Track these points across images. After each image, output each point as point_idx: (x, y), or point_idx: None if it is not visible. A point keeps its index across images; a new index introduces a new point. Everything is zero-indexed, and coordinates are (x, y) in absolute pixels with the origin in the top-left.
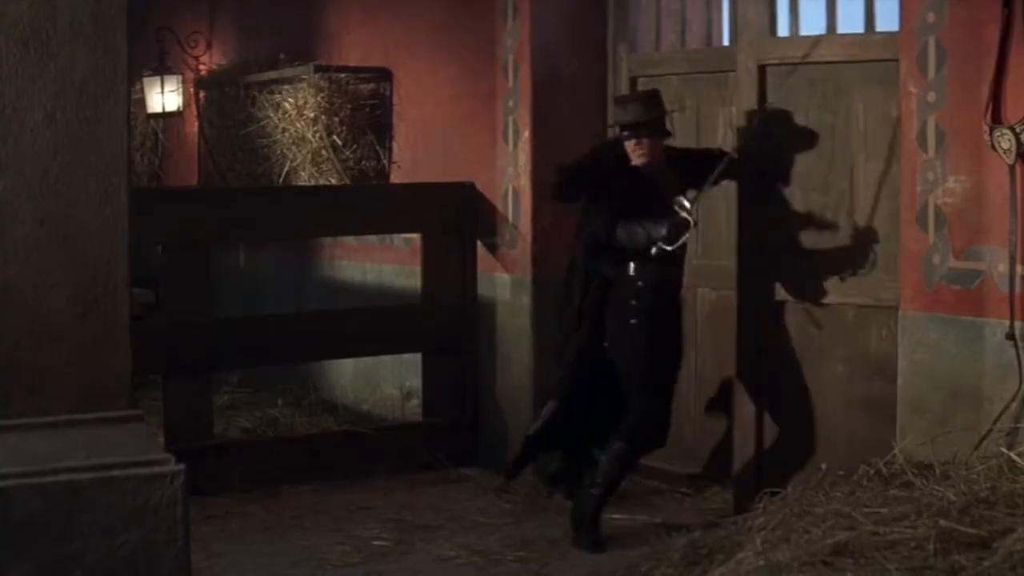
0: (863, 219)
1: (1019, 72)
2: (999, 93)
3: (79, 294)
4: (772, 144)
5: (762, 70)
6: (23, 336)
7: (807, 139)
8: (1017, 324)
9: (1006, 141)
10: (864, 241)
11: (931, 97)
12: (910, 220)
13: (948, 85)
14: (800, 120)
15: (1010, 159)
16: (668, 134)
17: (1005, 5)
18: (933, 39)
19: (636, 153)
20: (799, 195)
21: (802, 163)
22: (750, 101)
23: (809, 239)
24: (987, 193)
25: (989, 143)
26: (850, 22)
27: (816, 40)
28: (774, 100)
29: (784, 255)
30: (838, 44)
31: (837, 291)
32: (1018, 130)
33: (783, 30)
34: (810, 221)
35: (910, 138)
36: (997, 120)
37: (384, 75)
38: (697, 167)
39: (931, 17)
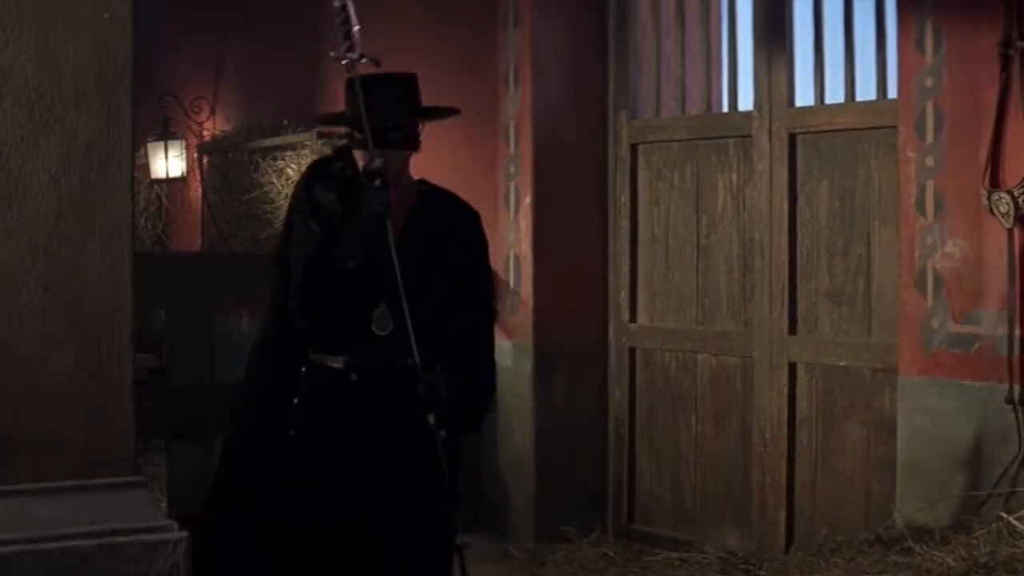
0: (878, 283)
1: (1017, 136)
2: (997, 157)
3: (83, 358)
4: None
5: (792, 138)
6: (26, 400)
7: (831, 205)
8: (1016, 388)
9: (1004, 205)
10: (879, 305)
11: (929, 161)
12: (909, 284)
13: (946, 149)
14: (825, 186)
15: (1008, 223)
16: (416, 143)
17: (1003, 69)
18: (931, 104)
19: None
20: (824, 259)
21: (827, 228)
22: (780, 168)
23: (826, 302)
24: (985, 257)
25: (987, 207)
26: (868, 90)
27: (837, 108)
28: (802, 166)
29: (801, 317)
30: (856, 111)
31: (852, 354)
32: (1016, 194)
33: (805, 98)
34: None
35: (909, 203)
36: (995, 184)
37: None
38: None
39: (929, 82)
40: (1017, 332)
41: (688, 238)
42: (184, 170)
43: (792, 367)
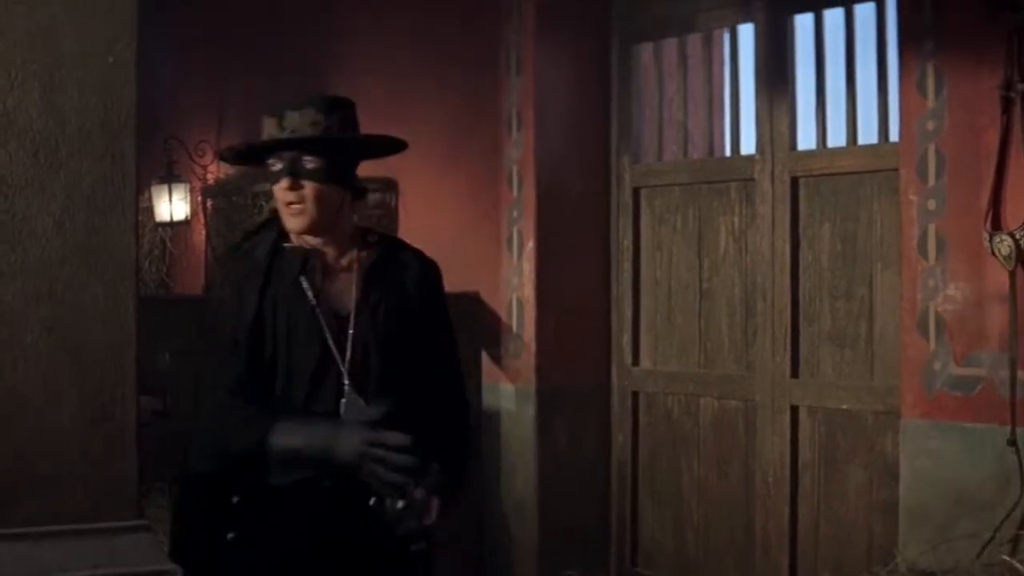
0: (880, 326)
1: (1018, 178)
2: (998, 199)
3: (87, 401)
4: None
5: (794, 181)
6: (31, 443)
7: (833, 248)
8: (1019, 430)
9: (1006, 247)
10: (881, 347)
11: (931, 204)
12: (911, 327)
13: (948, 192)
14: (827, 229)
15: (1010, 265)
16: (363, 191)
17: (1004, 111)
18: (933, 147)
19: (290, 211)
20: (827, 302)
21: (829, 271)
22: (782, 212)
23: (829, 345)
24: (987, 299)
25: (989, 249)
26: (869, 133)
27: (839, 151)
28: (804, 210)
29: (803, 360)
30: (857, 155)
31: (854, 397)
32: (1018, 236)
33: (807, 142)
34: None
35: (910, 245)
36: (997, 226)
37: (389, 185)
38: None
39: (931, 125)
40: (1019, 374)
41: (690, 281)
42: (188, 213)
43: (794, 410)
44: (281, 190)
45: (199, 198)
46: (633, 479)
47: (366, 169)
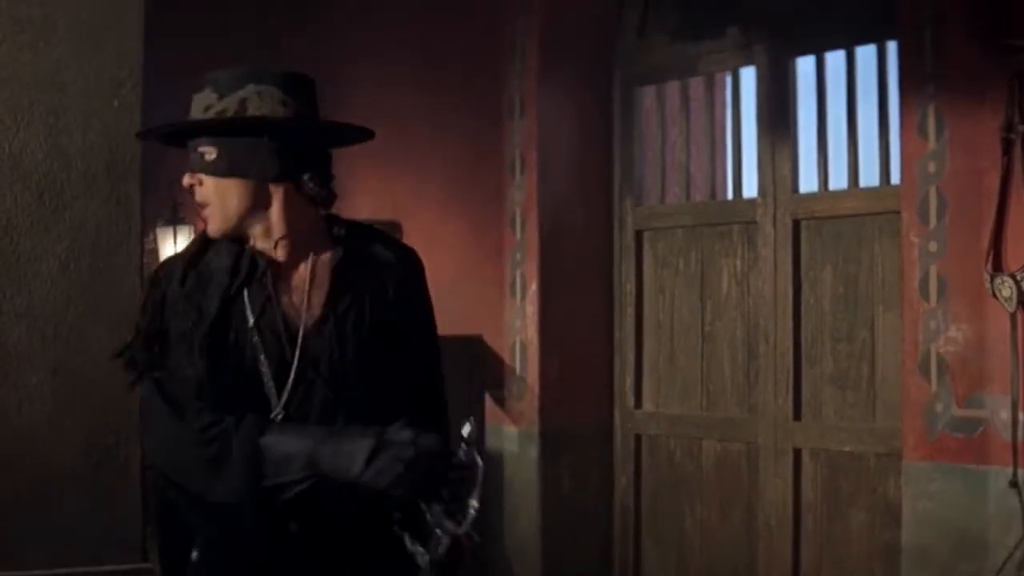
0: (882, 368)
1: (1019, 219)
2: (999, 241)
3: (92, 443)
4: None
5: (796, 224)
6: (36, 484)
7: (835, 290)
8: (1020, 472)
9: (1007, 289)
10: (883, 389)
11: (932, 246)
12: (912, 369)
13: (949, 234)
14: (828, 272)
15: (1011, 307)
16: (312, 180)
17: (1004, 153)
18: (934, 188)
19: (201, 213)
20: (828, 344)
21: (830, 314)
22: (784, 254)
23: (831, 387)
24: (988, 341)
25: (990, 291)
26: (871, 175)
27: (840, 194)
28: (806, 252)
29: (805, 403)
30: (859, 197)
31: (856, 439)
32: (1019, 278)
33: (809, 184)
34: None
35: (912, 287)
36: (998, 268)
37: (393, 228)
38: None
39: (932, 167)
40: (1021, 416)
41: (693, 324)
42: None
43: (797, 453)
44: (189, 179)
45: None
46: (636, 521)
47: (367, 210)
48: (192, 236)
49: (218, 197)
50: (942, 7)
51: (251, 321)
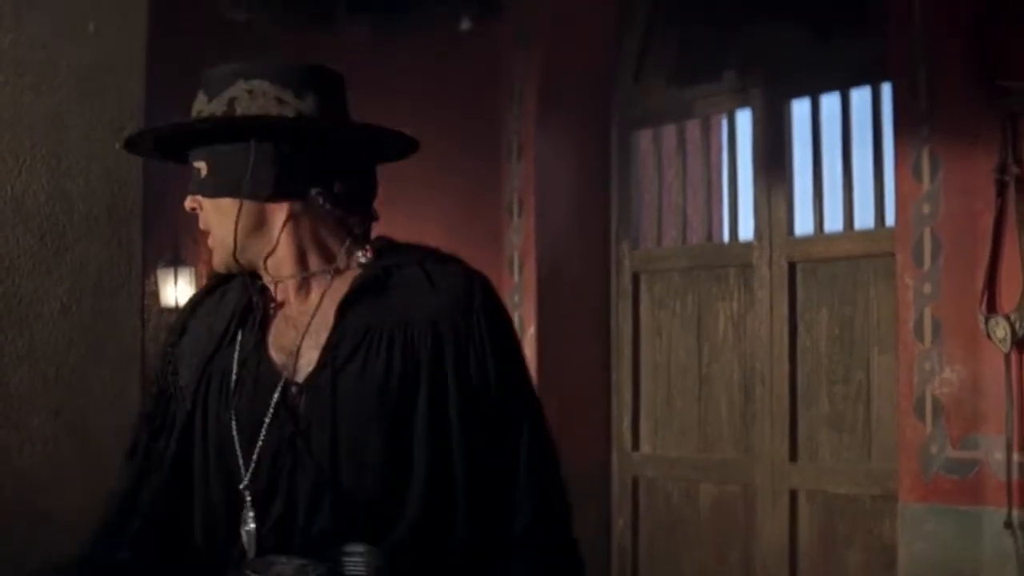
0: (878, 409)
1: (1013, 261)
2: (993, 282)
3: (93, 487)
4: None
5: (792, 267)
6: (36, 528)
7: (830, 332)
8: (1015, 512)
9: (1001, 330)
10: (879, 431)
11: (927, 288)
12: (908, 410)
13: (943, 275)
14: (824, 314)
15: (1005, 348)
16: (342, 197)
17: (998, 195)
18: (929, 230)
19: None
20: (825, 386)
21: (826, 356)
22: (780, 297)
23: (827, 429)
24: (983, 382)
25: (985, 332)
26: (866, 217)
27: (836, 237)
28: (802, 295)
29: (801, 444)
30: (854, 240)
31: (852, 481)
32: (1012, 318)
33: (804, 227)
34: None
35: (907, 329)
36: (992, 309)
37: None
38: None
39: (926, 208)
40: (1015, 457)
41: (690, 366)
42: None
43: (793, 494)
44: (190, 204)
45: (206, 282)
46: (633, 563)
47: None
48: (191, 279)
49: (215, 222)
50: (935, 49)
51: (233, 374)
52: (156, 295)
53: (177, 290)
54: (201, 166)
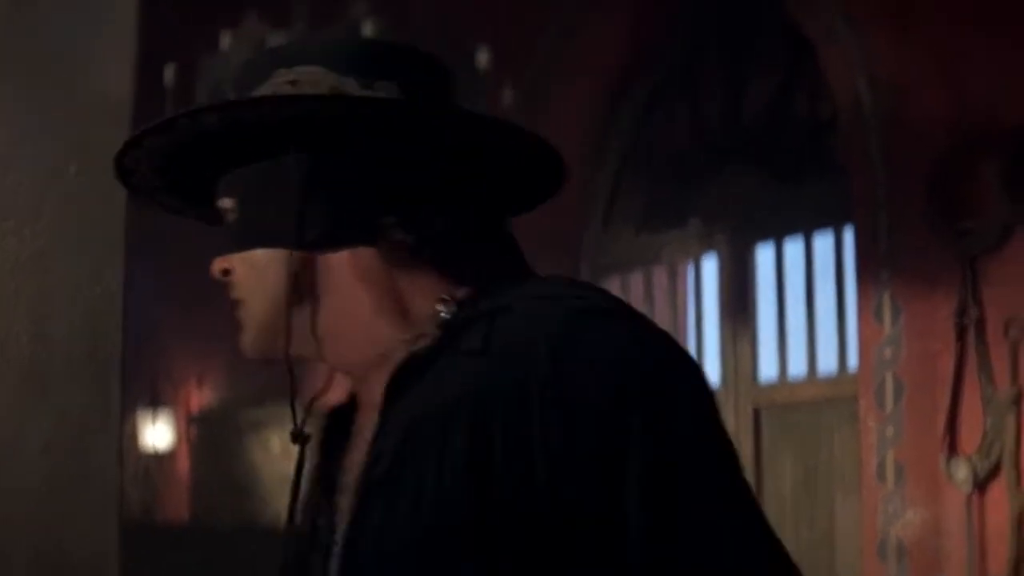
0: (842, 553)
1: (973, 402)
2: (954, 424)
3: None
4: None
5: (756, 413)
6: None
7: (795, 477)
8: None
9: (962, 472)
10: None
11: (889, 431)
12: (871, 554)
13: (905, 418)
14: (788, 459)
15: (967, 489)
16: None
17: (958, 338)
18: (891, 374)
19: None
20: (790, 531)
21: (791, 501)
22: (746, 442)
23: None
24: (945, 523)
25: (946, 474)
26: (829, 361)
27: (799, 383)
28: (767, 440)
29: None
30: (818, 385)
31: None
32: (973, 460)
33: (769, 371)
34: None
35: (870, 472)
36: (953, 450)
37: None
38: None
39: (888, 352)
40: None
41: None
42: (173, 442)
43: None
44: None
45: (184, 426)
46: None
47: None
48: (169, 424)
49: (247, 288)
50: (895, 191)
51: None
52: (134, 438)
53: (156, 433)
54: (228, 204)
